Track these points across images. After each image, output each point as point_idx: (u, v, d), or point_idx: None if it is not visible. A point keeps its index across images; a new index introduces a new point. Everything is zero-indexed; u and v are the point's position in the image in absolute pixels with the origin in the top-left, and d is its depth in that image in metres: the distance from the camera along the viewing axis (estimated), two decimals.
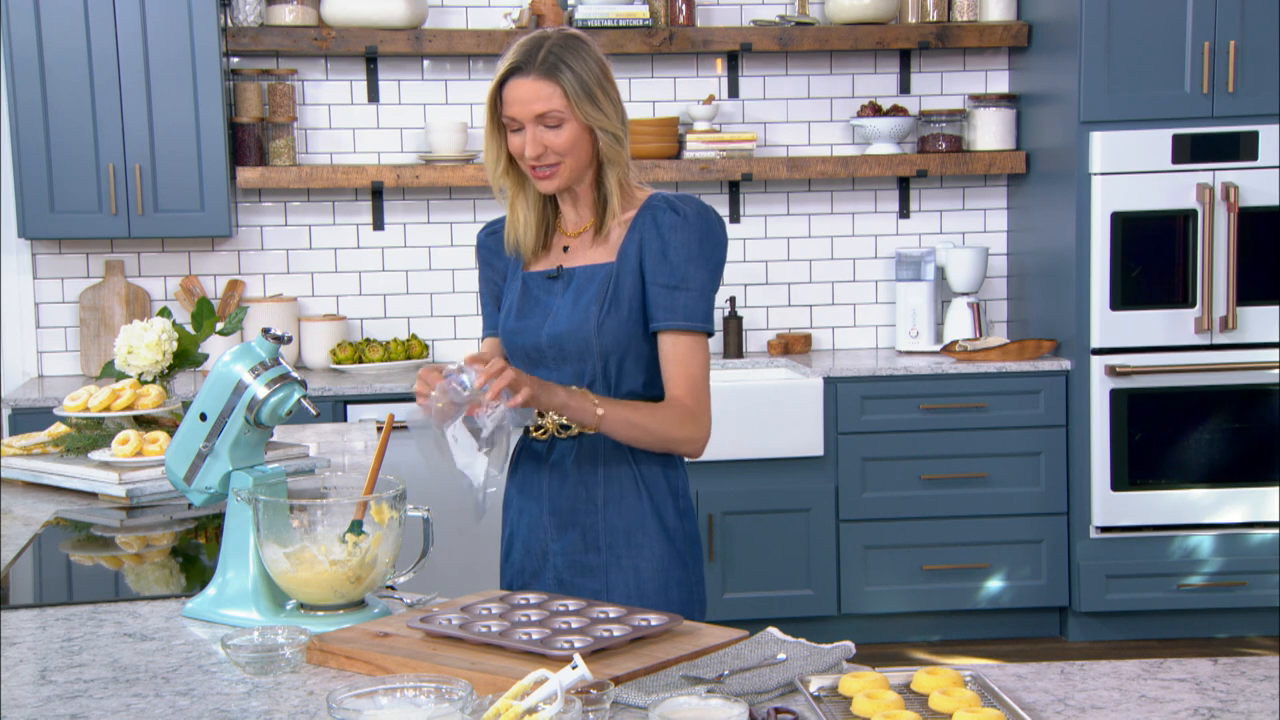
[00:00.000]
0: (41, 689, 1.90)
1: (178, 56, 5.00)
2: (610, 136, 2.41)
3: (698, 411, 2.44)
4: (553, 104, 2.37)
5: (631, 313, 2.44)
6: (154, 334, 3.29)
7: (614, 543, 2.48)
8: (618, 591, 2.47)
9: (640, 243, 2.45)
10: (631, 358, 2.46)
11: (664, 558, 2.50)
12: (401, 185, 5.33)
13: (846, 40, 5.36)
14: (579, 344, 2.45)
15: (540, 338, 2.48)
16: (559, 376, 2.48)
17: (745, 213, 5.63)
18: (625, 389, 2.47)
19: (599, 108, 2.39)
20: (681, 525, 2.52)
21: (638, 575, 2.48)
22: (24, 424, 4.69)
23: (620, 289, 2.44)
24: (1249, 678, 1.85)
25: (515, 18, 5.29)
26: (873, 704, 1.71)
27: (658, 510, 2.49)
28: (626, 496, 2.48)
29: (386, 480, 2.23)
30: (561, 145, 2.39)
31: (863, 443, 5.12)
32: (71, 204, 5.02)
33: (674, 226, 2.43)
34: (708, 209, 2.48)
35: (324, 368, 5.34)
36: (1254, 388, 5.10)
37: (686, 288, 2.43)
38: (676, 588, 2.50)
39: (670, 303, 2.43)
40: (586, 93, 2.37)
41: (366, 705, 1.65)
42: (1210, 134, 5.03)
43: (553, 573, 2.52)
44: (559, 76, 2.37)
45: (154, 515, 2.98)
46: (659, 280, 2.43)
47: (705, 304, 2.45)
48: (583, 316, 2.44)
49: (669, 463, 2.52)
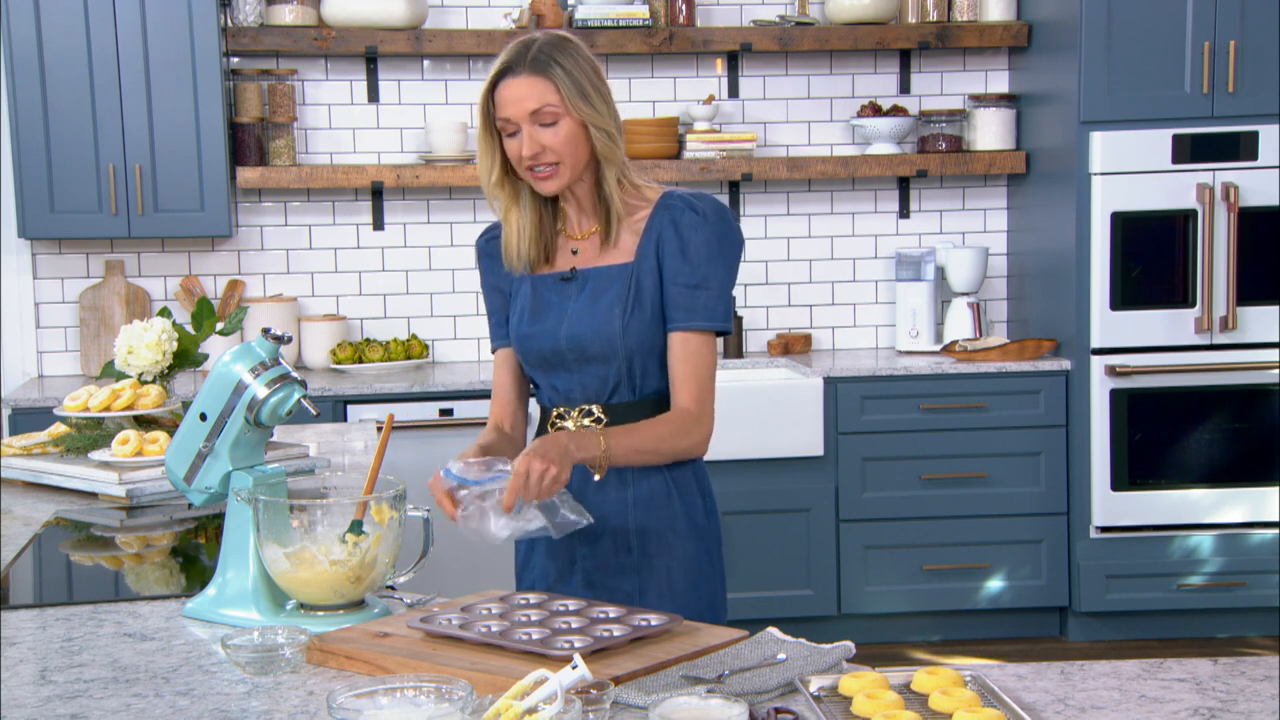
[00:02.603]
0: (41, 689, 1.90)
1: (178, 56, 4.99)
2: (605, 134, 2.39)
3: (701, 414, 2.44)
4: (546, 99, 2.35)
5: (654, 313, 2.43)
6: (154, 334, 3.29)
7: (645, 543, 2.47)
8: (650, 591, 2.45)
9: (658, 241, 2.43)
10: (655, 357, 2.45)
11: (694, 556, 2.49)
12: (401, 185, 5.33)
13: (846, 40, 5.36)
14: (603, 346, 2.43)
15: (559, 341, 2.46)
16: (580, 378, 2.47)
17: (745, 213, 5.63)
18: (650, 389, 2.46)
19: (592, 105, 2.37)
20: (709, 523, 2.52)
21: (669, 574, 2.47)
22: (24, 424, 4.69)
23: (642, 289, 2.43)
24: (1249, 678, 1.85)
25: (515, 18, 5.29)
26: (873, 704, 1.71)
27: (688, 509, 2.49)
28: (656, 497, 2.47)
29: (386, 480, 2.23)
30: (557, 143, 2.37)
31: (863, 443, 5.12)
32: (71, 204, 5.02)
33: (693, 226, 2.42)
34: (724, 207, 2.47)
35: (324, 368, 5.34)
36: (1254, 388, 5.10)
37: (707, 287, 2.42)
38: (706, 584, 2.50)
39: (691, 303, 2.42)
40: (579, 89, 2.36)
41: (366, 705, 1.64)
42: (1210, 134, 5.03)
43: (581, 575, 2.49)
44: (551, 72, 2.35)
45: (154, 515, 2.98)
46: (680, 280, 2.42)
47: (725, 303, 2.45)
48: (605, 318, 2.42)
49: (696, 461, 2.52)
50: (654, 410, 2.45)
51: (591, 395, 2.47)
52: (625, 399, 2.46)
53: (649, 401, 2.46)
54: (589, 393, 2.47)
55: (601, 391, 2.46)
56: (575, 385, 2.48)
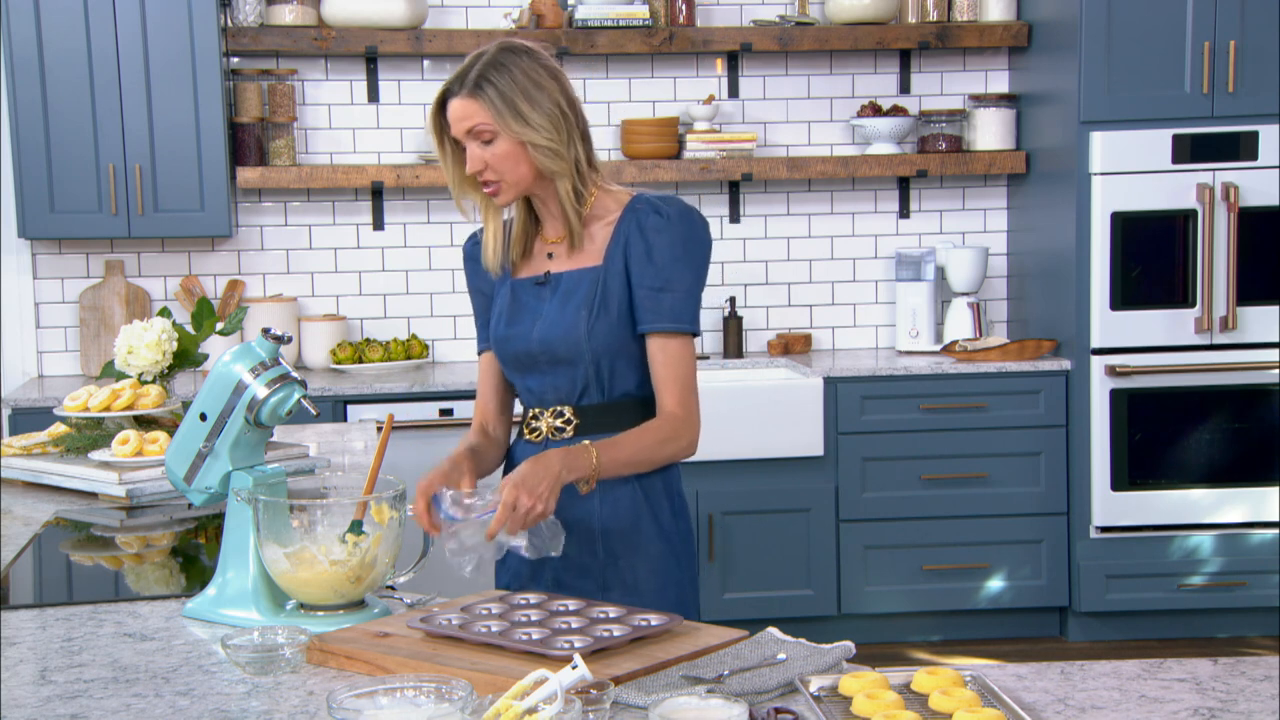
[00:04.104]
0: (41, 689, 1.90)
1: (178, 56, 4.99)
2: (545, 150, 2.41)
3: (687, 417, 2.46)
4: (477, 120, 2.40)
5: (621, 315, 2.46)
6: (154, 334, 3.29)
7: (611, 544, 2.50)
8: (614, 592, 2.48)
9: (625, 245, 2.47)
10: (623, 359, 2.48)
11: (660, 558, 2.51)
12: (401, 185, 5.33)
13: (846, 40, 5.36)
14: (570, 349, 2.46)
15: (531, 344, 2.50)
16: (552, 380, 2.50)
17: (745, 213, 5.63)
18: (619, 390, 2.49)
19: (526, 122, 2.39)
20: (676, 525, 2.54)
21: (634, 576, 2.50)
22: (24, 424, 4.69)
23: (608, 292, 2.46)
24: (1249, 678, 1.85)
25: (515, 18, 5.29)
26: (873, 704, 1.71)
27: (654, 511, 2.51)
28: (622, 499, 2.49)
29: (386, 480, 2.23)
30: (496, 160, 2.41)
31: (863, 443, 5.12)
32: (71, 204, 5.02)
33: (658, 229, 2.45)
34: (691, 210, 2.50)
35: (324, 368, 5.34)
36: (1254, 388, 5.10)
37: (672, 289, 2.44)
38: (673, 587, 2.52)
39: (656, 305, 2.44)
40: (510, 107, 2.39)
41: (366, 705, 1.65)
42: (1210, 134, 5.03)
43: (550, 573, 2.53)
44: (482, 94, 2.39)
45: (154, 515, 2.98)
46: (645, 282, 2.45)
47: (691, 305, 2.47)
48: (572, 321, 2.46)
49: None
50: (624, 411, 2.49)
51: (563, 396, 2.51)
52: (595, 400, 2.49)
53: (619, 403, 2.49)
54: (560, 394, 2.51)
55: (571, 393, 2.50)
56: (548, 387, 2.52)
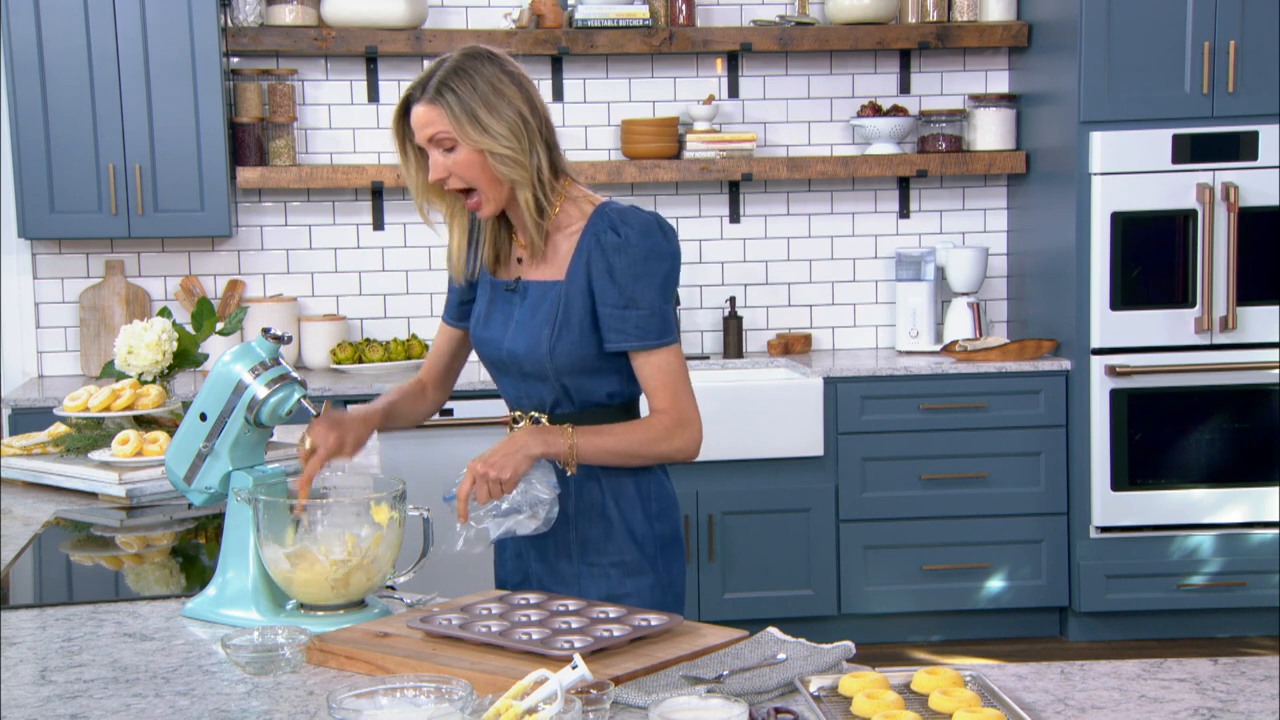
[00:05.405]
0: (41, 689, 1.90)
1: (178, 56, 4.99)
2: (504, 159, 2.39)
3: (684, 418, 2.45)
4: (438, 128, 2.39)
5: (584, 332, 2.44)
6: (154, 334, 3.29)
7: (586, 551, 2.51)
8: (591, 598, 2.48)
9: (587, 260, 2.44)
10: (588, 375, 2.47)
11: (634, 564, 2.52)
12: (401, 185, 5.32)
13: (846, 40, 5.36)
14: (534, 365, 2.46)
15: (502, 352, 2.52)
16: (525, 389, 2.51)
17: (745, 213, 5.63)
18: (591, 402, 2.49)
19: (484, 130, 2.37)
20: (651, 530, 2.53)
21: (609, 582, 2.50)
22: (24, 424, 4.69)
23: (570, 310, 2.44)
24: (1249, 678, 1.85)
25: (515, 18, 5.29)
26: (873, 704, 1.71)
27: (624, 515, 2.51)
28: (594, 507, 2.50)
29: (387, 480, 2.23)
30: (459, 168, 2.41)
31: (863, 443, 5.12)
32: (71, 204, 5.02)
33: (616, 248, 2.41)
34: (651, 223, 2.44)
35: (324, 368, 5.34)
36: (1254, 388, 5.10)
37: (637, 306, 2.41)
38: (650, 591, 2.53)
39: (622, 324, 2.42)
40: (469, 115, 2.37)
41: (366, 705, 1.65)
42: (1210, 134, 5.03)
43: (536, 581, 2.56)
44: (441, 101, 2.38)
45: (154, 515, 2.98)
46: (608, 300, 2.42)
47: (659, 318, 2.43)
48: (535, 339, 2.45)
49: (637, 470, 2.53)
50: (597, 419, 2.48)
51: (536, 405, 2.52)
52: (567, 410, 2.49)
53: (591, 413, 2.49)
54: (534, 403, 2.52)
55: (542, 404, 2.51)
56: (523, 394, 2.53)
